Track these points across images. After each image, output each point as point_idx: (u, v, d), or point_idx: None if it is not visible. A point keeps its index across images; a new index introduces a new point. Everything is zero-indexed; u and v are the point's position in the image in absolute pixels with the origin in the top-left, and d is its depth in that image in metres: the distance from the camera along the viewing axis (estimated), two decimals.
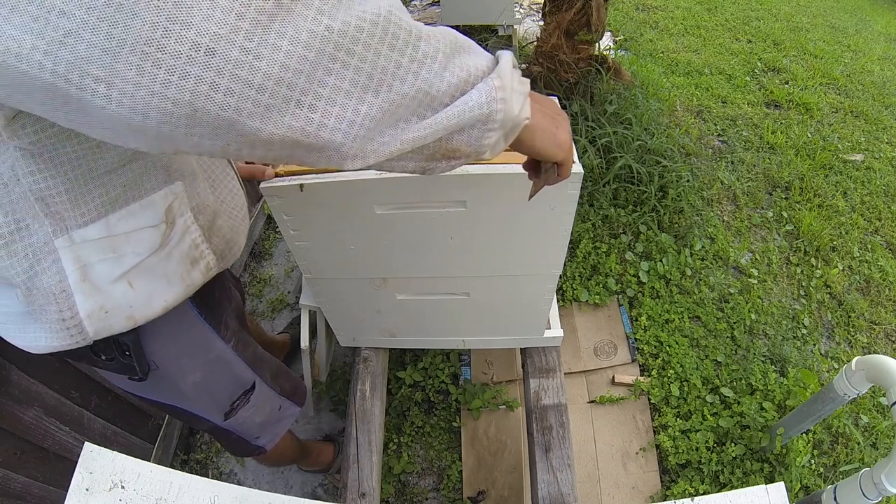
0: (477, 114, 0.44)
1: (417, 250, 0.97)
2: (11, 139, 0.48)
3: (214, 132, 0.36)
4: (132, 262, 0.62)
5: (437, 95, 0.42)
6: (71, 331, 0.61)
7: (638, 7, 4.25)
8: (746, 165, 2.57)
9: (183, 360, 0.79)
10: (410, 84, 0.39)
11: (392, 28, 0.37)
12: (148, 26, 0.31)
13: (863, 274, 2.12)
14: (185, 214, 0.67)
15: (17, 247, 0.55)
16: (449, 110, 0.42)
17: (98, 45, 0.32)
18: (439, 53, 0.41)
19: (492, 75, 0.45)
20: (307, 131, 0.37)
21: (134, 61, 0.32)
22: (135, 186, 0.60)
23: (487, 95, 0.43)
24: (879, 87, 3.38)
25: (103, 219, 0.59)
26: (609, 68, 2.27)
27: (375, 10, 0.37)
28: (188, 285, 0.70)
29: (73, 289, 0.59)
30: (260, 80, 0.34)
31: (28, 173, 0.51)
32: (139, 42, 0.32)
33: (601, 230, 2.08)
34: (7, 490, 1.01)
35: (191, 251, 0.69)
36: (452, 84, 0.42)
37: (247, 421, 0.95)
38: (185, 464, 1.57)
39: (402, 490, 1.51)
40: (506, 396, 1.63)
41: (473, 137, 0.46)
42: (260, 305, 1.96)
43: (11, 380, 1.02)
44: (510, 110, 0.46)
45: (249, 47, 0.33)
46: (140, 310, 0.65)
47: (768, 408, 1.58)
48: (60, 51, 0.32)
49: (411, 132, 0.42)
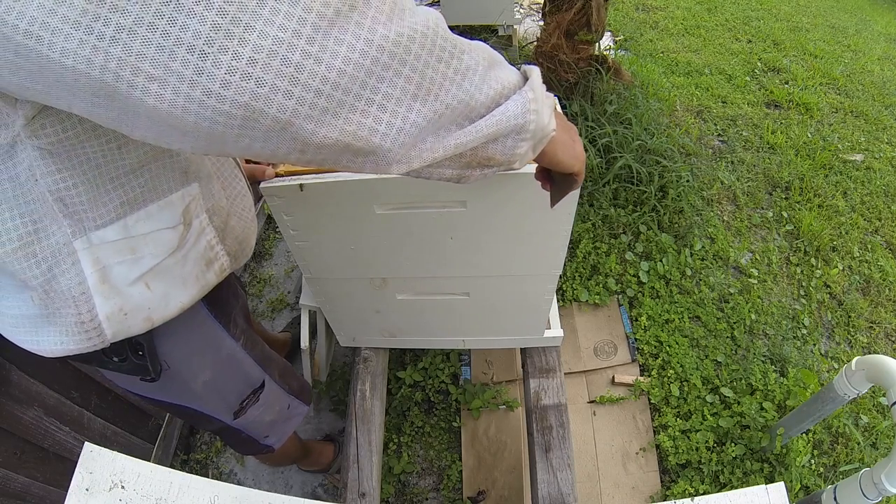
0: (513, 123, 0.46)
1: (417, 250, 0.97)
2: (31, 139, 0.47)
3: (267, 135, 0.36)
4: (150, 263, 0.62)
5: (476, 106, 0.43)
6: (90, 333, 0.61)
7: (638, 7, 4.25)
8: (746, 165, 2.57)
9: (194, 359, 0.79)
10: (454, 94, 0.41)
11: (439, 41, 0.39)
12: (209, 27, 0.31)
13: (863, 274, 2.12)
14: (200, 216, 0.68)
15: (35, 248, 0.55)
16: (488, 119, 0.44)
17: (154, 42, 0.31)
18: (479, 66, 0.43)
19: (525, 88, 0.47)
20: (359, 135, 0.38)
21: (192, 61, 0.32)
22: (153, 188, 0.60)
23: (523, 107, 0.46)
24: (879, 87, 3.38)
25: (122, 220, 0.58)
26: (609, 68, 2.27)
27: (424, 22, 0.38)
28: (203, 286, 0.70)
29: (92, 291, 0.59)
30: (318, 83, 0.34)
31: (47, 173, 0.51)
32: (199, 42, 0.31)
33: (601, 230, 2.08)
34: (7, 490, 1.01)
35: (206, 252, 0.69)
36: (490, 96, 0.44)
37: (256, 420, 0.95)
38: (185, 464, 1.57)
39: (402, 490, 1.51)
40: (506, 396, 1.63)
41: (507, 147, 0.48)
42: (260, 305, 1.96)
43: (11, 380, 1.02)
44: (541, 121, 0.48)
45: (310, 51, 0.33)
46: (157, 311, 0.65)
47: (768, 408, 1.58)
48: (112, 47, 0.31)
49: (452, 139, 0.43)
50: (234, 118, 0.34)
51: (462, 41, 0.42)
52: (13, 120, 0.45)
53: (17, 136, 0.47)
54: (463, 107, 0.42)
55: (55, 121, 0.47)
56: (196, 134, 0.36)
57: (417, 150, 0.42)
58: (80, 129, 0.50)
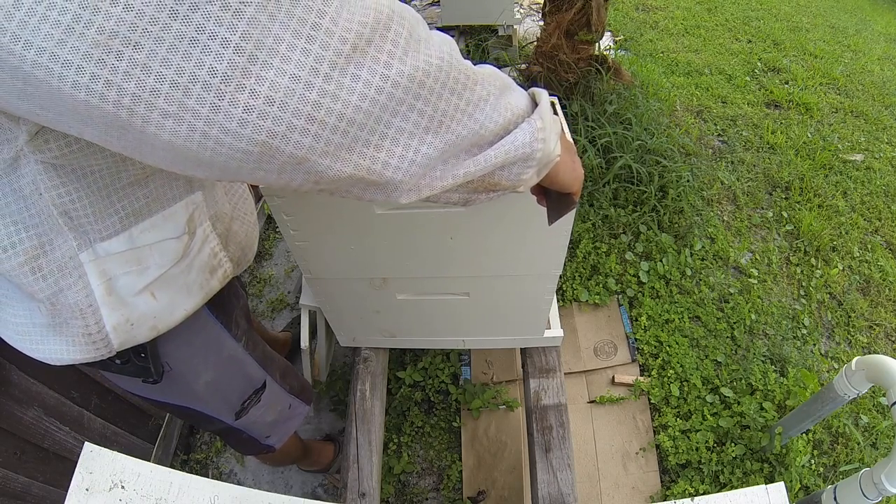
0: (521, 153, 0.47)
1: (417, 250, 0.97)
2: (34, 153, 0.47)
3: (282, 168, 0.36)
4: (155, 273, 0.62)
5: (485, 135, 0.44)
6: (97, 344, 0.61)
7: (638, 7, 4.25)
8: (746, 165, 2.57)
9: (196, 361, 0.79)
10: (465, 125, 0.42)
11: (453, 73, 0.40)
12: (226, 64, 0.31)
13: (863, 274, 2.12)
14: (203, 224, 0.68)
15: (41, 262, 0.54)
16: (497, 149, 0.45)
17: (168, 79, 0.31)
18: (490, 96, 0.44)
19: (534, 117, 0.48)
20: (373, 169, 0.38)
21: (208, 99, 0.31)
22: (158, 198, 0.60)
23: (531, 136, 0.47)
24: (879, 87, 3.38)
25: (127, 231, 0.58)
26: (609, 68, 2.27)
27: (439, 54, 0.39)
28: (207, 293, 0.70)
29: (99, 302, 0.59)
30: (335, 120, 0.34)
31: (51, 187, 0.50)
32: (215, 80, 0.31)
33: (601, 230, 2.08)
34: (7, 490, 1.01)
35: (210, 260, 0.70)
36: (500, 124, 0.45)
37: (258, 420, 0.95)
38: (185, 464, 1.57)
39: (402, 490, 1.51)
40: (506, 396, 1.63)
41: (514, 173, 0.49)
42: (260, 305, 1.96)
43: (11, 380, 1.02)
44: (547, 149, 0.49)
45: (327, 89, 0.33)
46: (163, 320, 0.65)
47: (768, 408, 1.58)
48: (126, 83, 0.31)
49: (461, 169, 0.44)
50: (251, 154, 0.34)
51: (474, 71, 0.43)
52: (16, 135, 0.45)
53: (20, 150, 0.46)
54: (474, 136, 0.43)
55: (59, 135, 0.47)
56: (211, 165, 0.36)
57: (427, 180, 0.42)
58: (83, 144, 0.49)
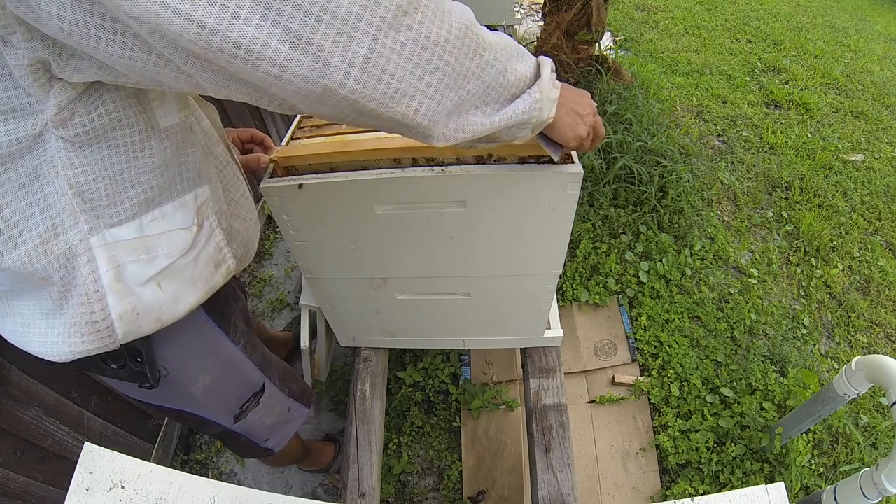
0: (519, 119, 0.57)
1: (417, 250, 0.97)
2: (57, 129, 0.49)
3: (338, 105, 0.46)
4: (163, 263, 0.63)
5: (492, 93, 0.55)
6: (101, 333, 0.61)
7: (638, 7, 4.26)
8: (746, 165, 2.57)
9: (193, 364, 0.78)
10: (476, 85, 0.52)
11: (469, 40, 0.49)
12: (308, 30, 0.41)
13: (863, 274, 2.12)
14: (210, 217, 0.68)
15: (52, 244, 0.55)
16: (501, 115, 0.56)
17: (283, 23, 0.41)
18: (497, 62, 0.53)
19: (533, 88, 0.57)
20: (407, 115, 0.49)
21: (294, 54, 0.42)
22: (170, 186, 0.61)
23: (529, 106, 0.57)
24: (879, 87, 3.38)
25: (137, 219, 0.59)
26: (609, 68, 2.27)
27: (459, 23, 0.48)
28: (210, 287, 0.70)
29: (106, 289, 0.59)
30: (380, 73, 0.44)
31: (69, 166, 0.52)
32: (301, 41, 0.41)
33: (601, 230, 2.08)
34: (7, 490, 1.01)
35: (216, 254, 0.70)
36: (505, 87, 0.55)
37: (256, 423, 0.95)
38: (185, 464, 1.57)
39: (402, 490, 1.51)
40: (506, 396, 1.63)
41: (511, 133, 0.60)
42: (260, 305, 1.96)
43: (11, 380, 1.02)
44: (541, 116, 0.60)
45: (374, 47, 0.43)
46: (167, 312, 0.65)
47: (768, 408, 1.58)
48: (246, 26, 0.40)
49: (476, 126, 0.55)
50: (313, 93, 0.44)
51: (486, 39, 0.51)
52: (44, 107, 0.48)
53: (45, 125, 0.49)
54: (482, 94, 0.53)
55: (83, 111, 0.50)
56: (282, 99, 0.46)
57: (442, 127, 0.53)
58: (105, 121, 0.51)
